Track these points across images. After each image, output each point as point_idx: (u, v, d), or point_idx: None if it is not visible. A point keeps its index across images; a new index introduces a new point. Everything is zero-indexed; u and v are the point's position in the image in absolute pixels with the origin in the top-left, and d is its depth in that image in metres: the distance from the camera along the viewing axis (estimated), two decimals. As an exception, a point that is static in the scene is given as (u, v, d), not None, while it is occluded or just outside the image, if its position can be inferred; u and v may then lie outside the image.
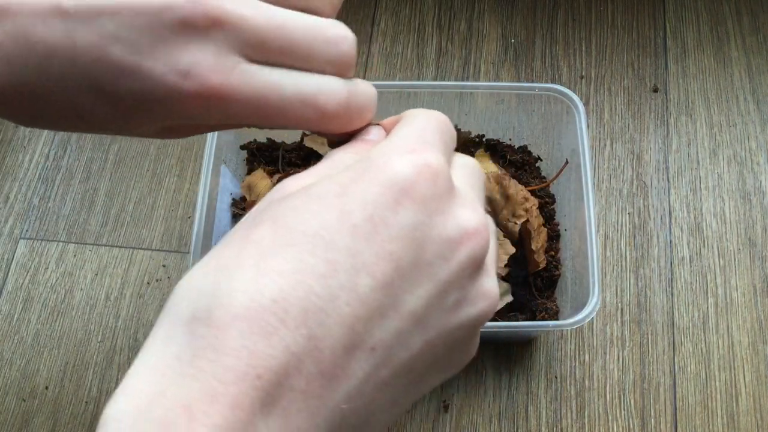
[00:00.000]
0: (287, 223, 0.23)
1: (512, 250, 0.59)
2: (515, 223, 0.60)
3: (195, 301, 0.22)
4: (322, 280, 0.22)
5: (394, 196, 0.23)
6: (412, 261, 0.23)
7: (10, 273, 0.70)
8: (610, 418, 0.61)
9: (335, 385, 0.22)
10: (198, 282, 0.22)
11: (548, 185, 0.66)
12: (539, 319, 0.59)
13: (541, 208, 0.64)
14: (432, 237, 0.24)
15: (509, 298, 0.59)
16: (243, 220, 0.25)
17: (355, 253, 0.22)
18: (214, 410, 0.20)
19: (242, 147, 0.68)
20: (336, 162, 0.28)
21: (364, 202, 0.23)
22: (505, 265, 0.59)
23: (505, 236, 0.60)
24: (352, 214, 0.23)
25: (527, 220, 0.60)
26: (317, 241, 0.22)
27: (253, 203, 0.61)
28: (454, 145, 0.29)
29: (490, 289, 0.26)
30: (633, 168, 0.71)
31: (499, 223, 0.60)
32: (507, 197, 0.60)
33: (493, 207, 0.60)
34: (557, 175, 0.64)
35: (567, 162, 0.62)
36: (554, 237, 0.64)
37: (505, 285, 0.59)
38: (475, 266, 0.25)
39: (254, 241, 0.23)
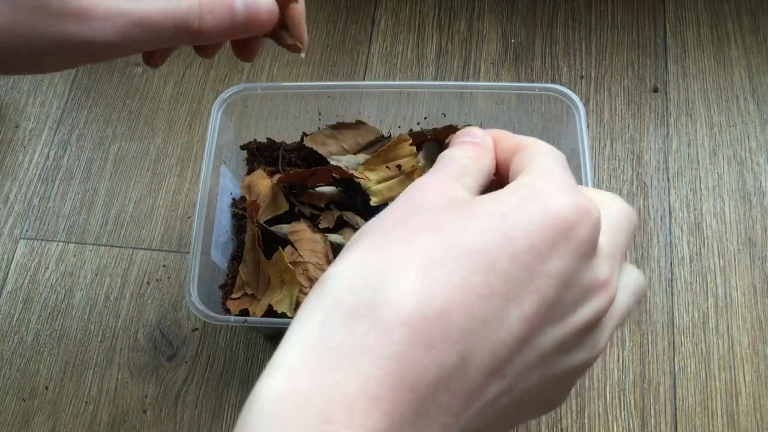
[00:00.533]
0: (453, 236, 0.23)
1: None
2: None
3: (358, 292, 0.22)
4: (480, 301, 0.22)
5: (555, 235, 0.23)
6: (554, 301, 0.24)
7: (10, 273, 0.70)
8: (610, 418, 0.61)
9: (470, 404, 0.22)
10: (361, 272, 0.22)
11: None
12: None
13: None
14: (574, 282, 0.24)
15: None
16: (391, 215, 0.25)
17: (510, 280, 0.23)
18: (372, 413, 0.20)
19: (242, 147, 0.68)
20: (456, 163, 0.28)
21: (528, 233, 0.23)
22: None
23: None
24: (515, 241, 0.23)
25: None
26: (481, 260, 0.22)
27: (253, 203, 0.61)
28: None
29: (602, 342, 0.26)
30: (633, 168, 0.71)
31: None
32: None
33: None
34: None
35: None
36: (554, 237, 0.64)
37: None
38: (599, 318, 0.26)
39: (420, 247, 0.23)
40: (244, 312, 0.59)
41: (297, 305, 0.58)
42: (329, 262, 0.58)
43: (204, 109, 0.77)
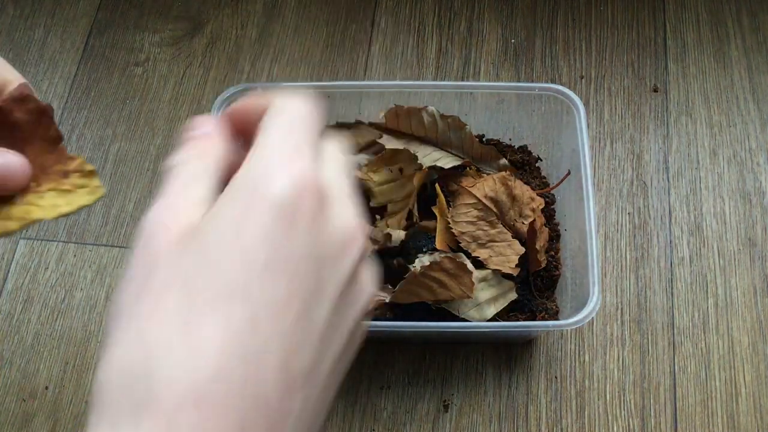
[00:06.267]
0: (197, 285, 0.22)
1: (521, 250, 0.59)
2: (523, 223, 0.60)
3: (131, 387, 0.21)
4: (250, 338, 0.22)
5: (286, 223, 0.23)
6: (315, 283, 0.24)
7: (10, 273, 0.70)
8: (610, 418, 0.61)
9: (283, 426, 0.22)
10: (126, 363, 0.22)
11: (549, 191, 0.66)
12: (539, 319, 0.59)
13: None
14: (325, 248, 0.24)
15: (514, 296, 0.59)
16: (132, 278, 0.23)
17: (269, 298, 0.22)
18: None
19: (242, 147, 0.68)
20: (178, 175, 0.27)
21: (263, 239, 0.23)
22: (516, 266, 0.59)
23: (513, 237, 0.60)
24: (257, 258, 0.23)
25: (534, 220, 0.60)
26: (233, 299, 0.22)
27: None
28: (320, 129, 0.28)
29: (369, 277, 0.26)
30: (633, 168, 0.71)
31: (506, 224, 0.60)
32: (513, 197, 0.60)
33: (499, 208, 0.60)
34: (558, 184, 0.64)
35: (569, 173, 0.62)
36: (554, 237, 0.64)
37: (510, 282, 0.59)
38: (360, 261, 0.26)
39: (171, 311, 0.22)
40: None
41: None
42: None
43: (204, 109, 0.77)
